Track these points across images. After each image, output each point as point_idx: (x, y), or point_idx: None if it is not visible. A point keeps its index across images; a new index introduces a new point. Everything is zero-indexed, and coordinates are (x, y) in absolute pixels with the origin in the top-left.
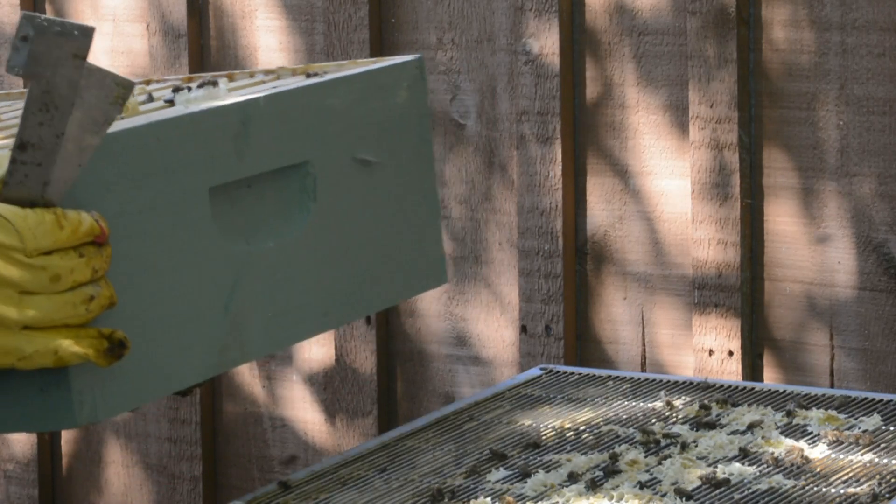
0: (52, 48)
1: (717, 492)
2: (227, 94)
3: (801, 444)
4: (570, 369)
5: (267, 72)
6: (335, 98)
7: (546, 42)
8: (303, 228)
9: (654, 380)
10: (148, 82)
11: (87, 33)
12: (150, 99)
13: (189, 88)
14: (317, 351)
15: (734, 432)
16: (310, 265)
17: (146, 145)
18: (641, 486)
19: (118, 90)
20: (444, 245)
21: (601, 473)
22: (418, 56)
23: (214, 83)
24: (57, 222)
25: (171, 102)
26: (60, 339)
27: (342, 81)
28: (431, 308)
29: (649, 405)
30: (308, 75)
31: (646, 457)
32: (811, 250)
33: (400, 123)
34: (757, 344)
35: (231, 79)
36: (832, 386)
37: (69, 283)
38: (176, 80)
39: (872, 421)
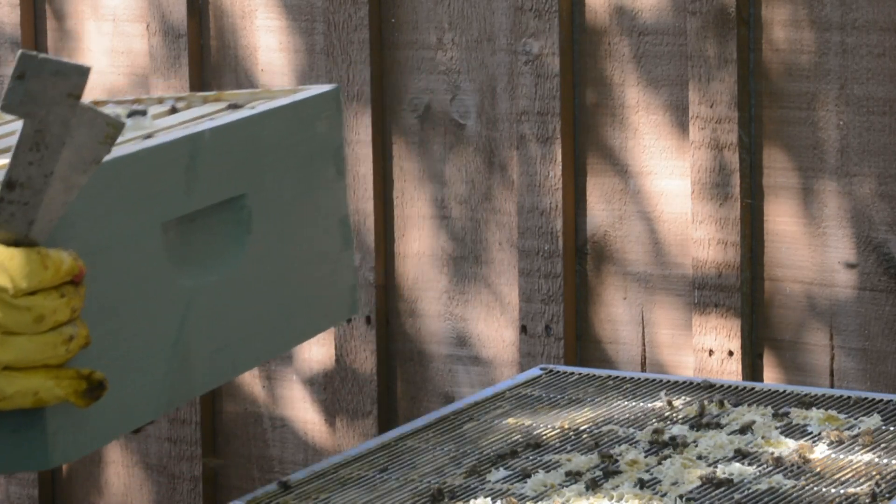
0: (48, 87)
1: (717, 492)
2: (153, 124)
3: (801, 443)
4: (570, 369)
5: (178, 98)
6: (268, 130)
7: (546, 42)
8: (240, 261)
9: (654, 380)
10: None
11: (82, 73)
12: None
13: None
14: (317, 351)
15: (734, 432)
16: (245, 299)
17: (107, 182)
18: (642, 485)
19: (108, 130)
20: (445, 244)
21: (601, 473)
22: (335, 86)
23: (143, 112)
24: (42, 262)
25: None
26: (41, 380)
27: (273, 113)
28: (431, 308)
29: (649, 405)
30: (230, 106)
31: (646, 457)
32: (811, 250)
33: (318, 155)
34: (757, 344)
35: (140, 102)
36: (832, 386)
37: (51, 323)
38: (113, 102)
39: (872, 421)
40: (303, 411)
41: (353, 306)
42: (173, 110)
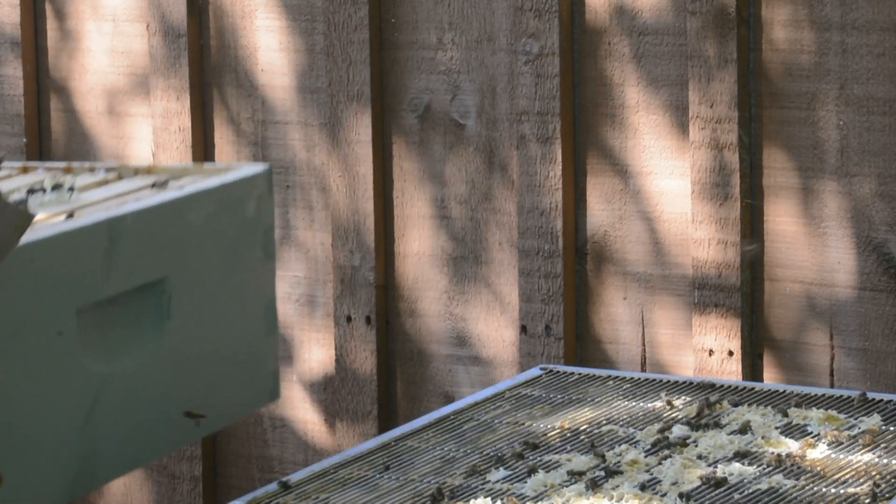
0: None
1: (717, 492)
2: (79, 199)
3: (801, 443)
4: (570, 369)
5: (108, 168)
6: (193, 213)
7: (546, 42)
8: (157, 347)
9: (654, 380)
10: (25, 169)
11: None
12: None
13: (43, 190)
14: (317, 351)
15: (734, 432)
16: (160, 385)
17: (21, 265)
18: (643, 487)
19: (17, 221)
20: (445, 244)
21: (601, 473)
22: (266, 167)
23: (71, 188)
24: None
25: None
26: None
27: (201, 196)
28: (431, 308)
29: (649, 405)
30: (155, 184)
31: (646, 457)
32: (811, 250)
33: (246, 237)
34: (757, 344)
35: (69, 171)
36: (832, 386)
37: None
38: (43, 168)
39: (872, 421)
40: (303, 411)
41: (273, 392)
42: (104, 182)
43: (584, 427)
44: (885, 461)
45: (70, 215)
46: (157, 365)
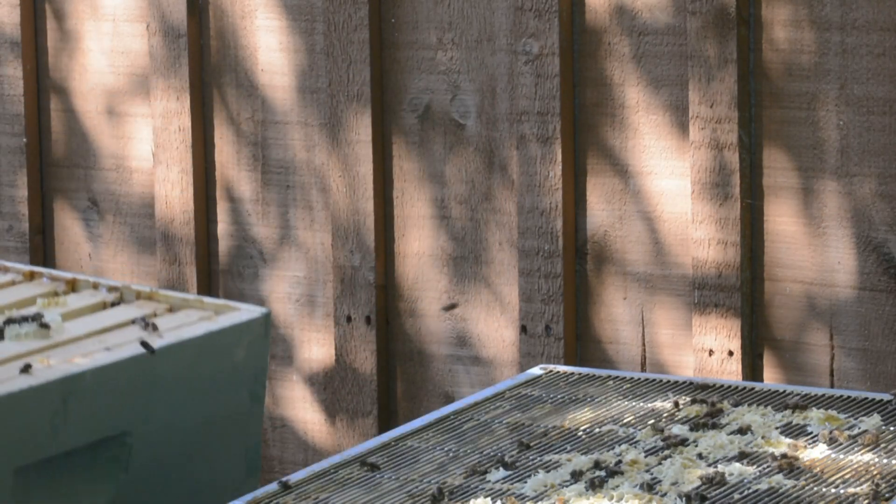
0: None
1: (717, 491)
2: (59, 331)
3: (801, 443)
4: (570, 369)
5: (111, 288)
6: (167, 365)
7: (546, 42)
8: (109, 500)
9: (654, 380)
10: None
11: None
12: None
13: (20, 321)
14: (317, 351)
15: (734, 432)
16: None
17: None
18: (647, 488)
19: None
20: (445, 244)
21: (602, 473)
22: (265, 312)
23: (47, 326)
24: None
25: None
26: None
27: (177, 348)
28: (431, 308)
29: (649, 405)
30: (146, 324)
31: (646, 457)
32: (811, 250)
33: (231, 382)
34: (757, 344)
35: (74, 288)
36: (832, 386)
37: None
38: (47, 277)
39: (872, 421)
40: (303, 411)
41: None
42: (103, 305)
43: (584, 427)
44: (885, 461)
45: (27, 368)
46: None
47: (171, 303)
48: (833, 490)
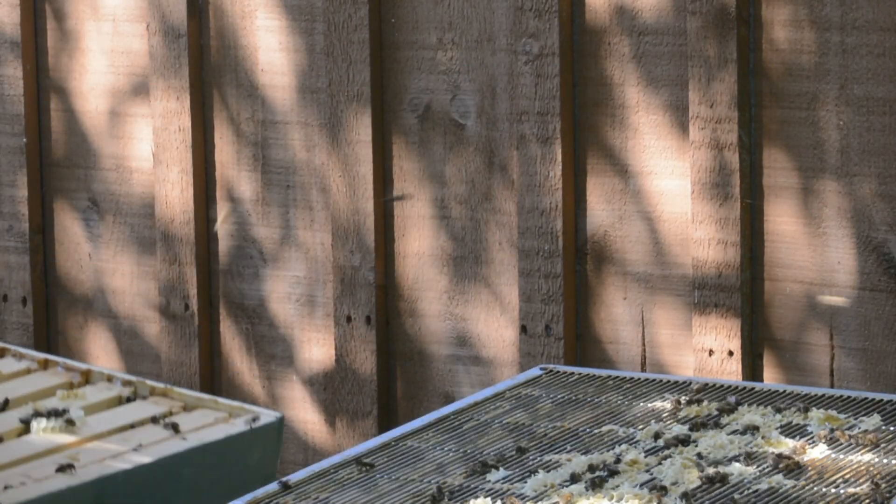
0: None
1: (717, 491)
2: (83, 426)
3: (801, 443)
4: (570, 369)
5: (125, 382)
6: (190, 467)
7: (546, 42)
8: None
9: (654, 380)
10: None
11: None
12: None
13: (47, 416)
14: (317, 351)
15: (734, 432)
16: None
17: None
18: (650, 489)
19: None
20: (445, 245)
21: (602, 473)
22: (278, 417)
23: (73, 423)
24: None
25: (26, 425)
26: None
27: (202, 450)
28: (431, 308)
29: (649, 405)
30: (159, 419)
31: (646, 457)
32: (811, 250)
33: (246, 482)
34: (757, 344)
35: (88, 379)
36: (832, 386)
37: None
38: (62, 365)
39: (872, 421)
40: (303, 411)
41: None
42: (122, 400)
43: (584, 427)
44: (885, 461)
45: (67, 468)
46: None
47: (185, 401)
48: (833, 490)
